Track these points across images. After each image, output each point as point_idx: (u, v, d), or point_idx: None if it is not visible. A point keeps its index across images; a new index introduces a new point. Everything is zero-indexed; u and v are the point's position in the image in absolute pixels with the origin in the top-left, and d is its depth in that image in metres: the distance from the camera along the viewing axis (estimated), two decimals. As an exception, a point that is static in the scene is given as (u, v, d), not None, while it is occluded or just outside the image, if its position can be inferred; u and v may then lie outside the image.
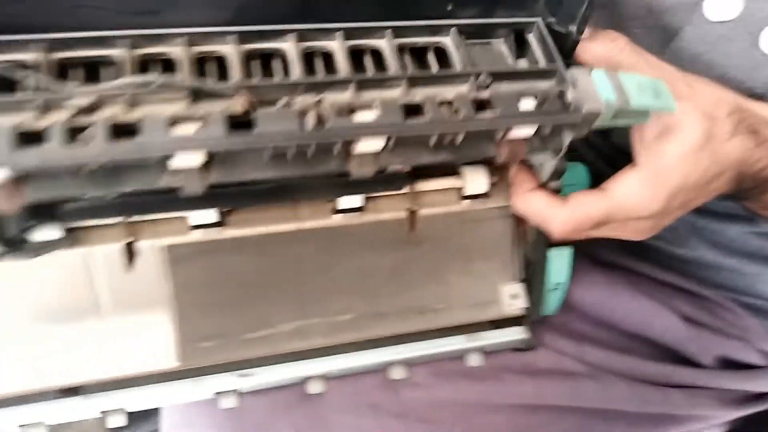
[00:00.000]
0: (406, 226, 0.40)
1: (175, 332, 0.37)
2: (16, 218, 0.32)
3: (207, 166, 0.29)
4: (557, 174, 0.37)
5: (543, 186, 0.38)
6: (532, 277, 0.43)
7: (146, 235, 0.36)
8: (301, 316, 0.39)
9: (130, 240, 0.36)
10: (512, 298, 0.43)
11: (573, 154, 0.37)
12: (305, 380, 0.41)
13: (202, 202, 0.35)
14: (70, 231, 0.34)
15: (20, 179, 0.26)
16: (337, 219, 0.39)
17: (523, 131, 0.33)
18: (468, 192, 0.40)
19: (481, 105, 0.31)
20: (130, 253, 0.36)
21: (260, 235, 0.38)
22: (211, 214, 0.36)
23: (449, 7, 0.34)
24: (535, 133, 0.33)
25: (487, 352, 0.44)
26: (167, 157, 0.27)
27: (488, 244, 0.42)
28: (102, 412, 0.38)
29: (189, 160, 0.28)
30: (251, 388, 0.40)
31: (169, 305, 0.37)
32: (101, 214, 0.34)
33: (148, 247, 0.36)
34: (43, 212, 0.33)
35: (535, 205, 0.37)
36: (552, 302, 0.45)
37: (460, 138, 0.31)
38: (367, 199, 0.39)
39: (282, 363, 0.40)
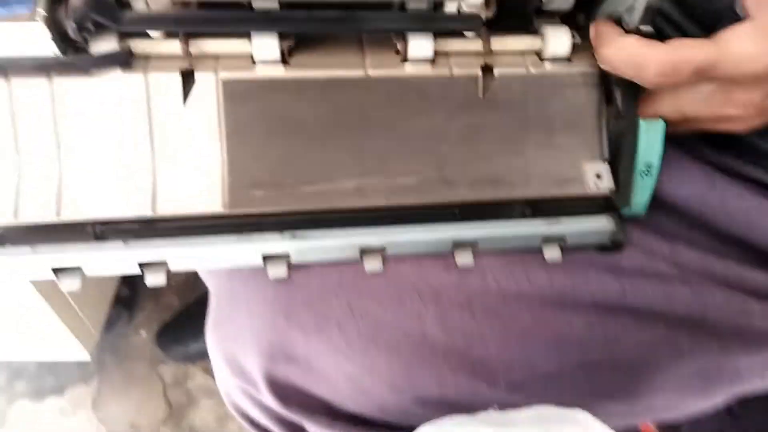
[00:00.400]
0: (480, 86, 0.36)
1: (225, 175, 0.34)
2: (77, 14, 0.30)
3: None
4: (650, 13, 0.33)
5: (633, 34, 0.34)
6: (621, 154, 0.38)
7: (206, 66, 0.34)
8: (361, 173, 0.35)
9: (188, 69, 0.33)
10: (597, 176, 0.38)
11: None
12: (362, 256, 0.37)
13: (266, 24, 0.33)
14: (129, 51, 0.33)
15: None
16: (407, 68, 0.35)
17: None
18: (548, 53, 0.37)
19: None
20: (188, 83, 0.33)
21: (323, 80, 0.35)
22: (274, 48, 0.33)
23: None
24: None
25: (569, 248, 0.39)
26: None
27: (570, 114, 0.38)
28: (142, 263, 0.35)
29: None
30: (303, 255, 0.36)
31: (222, 145, 0.34)
32: (161, 26, 0.32)
33: (207, 78, 0.33)
34: (103, 12, 0.31)
35: (628, 47, 0.33)
36: (641, 192, 0.40)
37: None
38: (439, 51, 0.35)
39: (338, 227, 0.36)
